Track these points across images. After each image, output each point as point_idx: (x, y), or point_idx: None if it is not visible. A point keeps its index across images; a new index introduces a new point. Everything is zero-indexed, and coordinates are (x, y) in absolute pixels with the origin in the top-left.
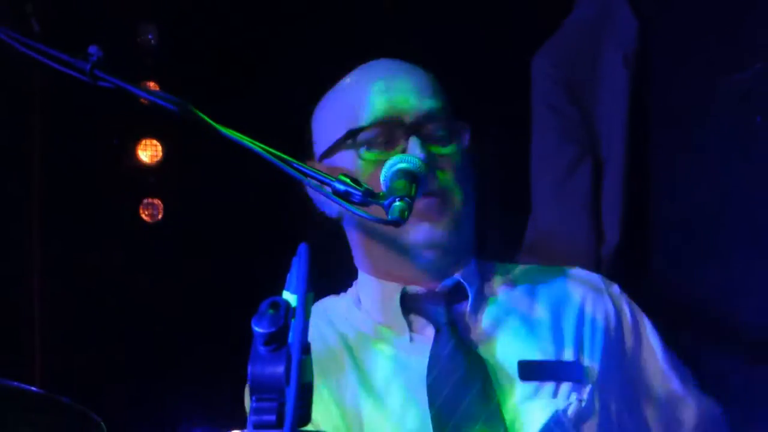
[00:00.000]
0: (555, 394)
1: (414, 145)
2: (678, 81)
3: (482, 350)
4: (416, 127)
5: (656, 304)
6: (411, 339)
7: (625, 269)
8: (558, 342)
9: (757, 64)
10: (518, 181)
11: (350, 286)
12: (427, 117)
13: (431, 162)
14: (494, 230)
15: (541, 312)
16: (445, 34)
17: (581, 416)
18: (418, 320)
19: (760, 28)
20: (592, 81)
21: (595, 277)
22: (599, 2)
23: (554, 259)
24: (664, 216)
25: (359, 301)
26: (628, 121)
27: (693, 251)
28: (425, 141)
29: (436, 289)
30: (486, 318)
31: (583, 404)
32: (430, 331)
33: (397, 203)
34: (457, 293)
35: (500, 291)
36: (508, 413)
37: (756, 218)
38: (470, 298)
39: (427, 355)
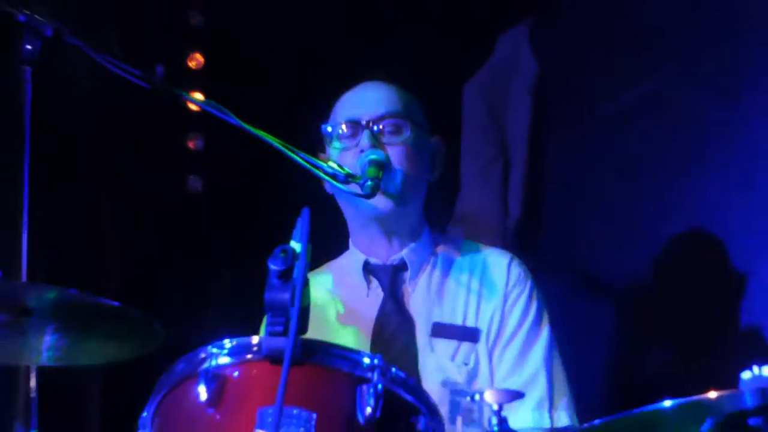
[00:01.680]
0: (455, 354)
1: (365, 138)
2: (566, 104)
3: (413, 309)
4: (370, 125)
5: (544, 259)
6: (367, 295)
7: (522, 235)
8: (468, 310)
9: (624, 94)
10: (451, 169)
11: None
12: (379, 117)
13: (382, 149)
14: (434, 204)
15: (463, 282)
16: (408, 70)
17: (473, 373)
18: (374, 282)
19: (630, 67)
20: (505, 104)
21: (507, 260)
22: (510, 47)
23: (475, 226)
24: (551, 199)
25: (348, 259)
26: (529, 134)
27: (570, 223)
28: (377, 134)
29: (386, 262)
30: (420, 287)
31: (473, 364)
32: (380, 290)
33: (369, 183)
34: (402, 266)
35: (438, 262)
36: (423, 359)
37: (614, 201)
38: (409, 273)
39: (375, 308)
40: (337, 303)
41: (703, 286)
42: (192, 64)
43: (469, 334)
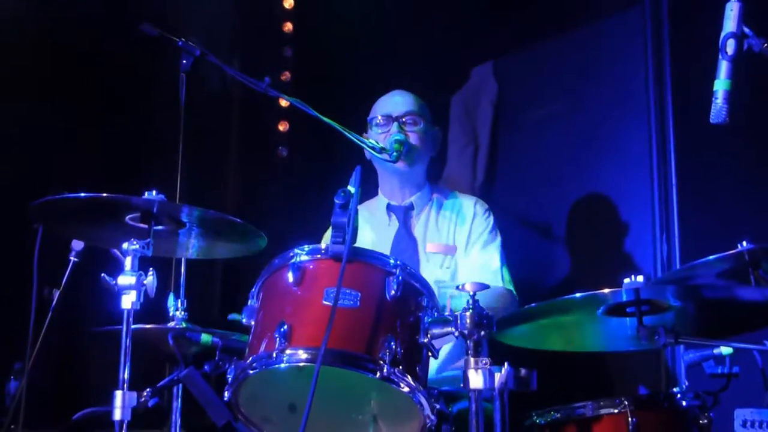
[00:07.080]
0: (443, 262)
1: (394, 126)
2: (513, 112)
3: (417, 234)
4: (397, 119)
5: (496, 206)
6: (389, 224)
7: (486, 192)
8: (450, 235)
9: (547, 108)
10: (442, 150)
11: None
12: (403, 114)
13: (405, 134)
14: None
15: (447, 217)
16: (422, 87)
17: (453, 274)
18: (392, 215)
19: (550, 92)
20: (476, 110)
21: (474, 201)
22: (480, 74)
23: (456, 186)
24: (501, 170)
25: (377, 201)
26: (491, 130)
27: (513, 184)
28: (402, 125)
29: (401, 204)
30: (421, 220)
31: (454, 268)
32: (396, 221)
33: (394, 154)
34: (410, 207)
35: (433, 205)
36: (422, 265)
37: (540, 172)
38: (415, 211)
39: (393, 232)
40: (370, 228)
41: (600, 226)
42: (283, 78)
43: (450, 250)
